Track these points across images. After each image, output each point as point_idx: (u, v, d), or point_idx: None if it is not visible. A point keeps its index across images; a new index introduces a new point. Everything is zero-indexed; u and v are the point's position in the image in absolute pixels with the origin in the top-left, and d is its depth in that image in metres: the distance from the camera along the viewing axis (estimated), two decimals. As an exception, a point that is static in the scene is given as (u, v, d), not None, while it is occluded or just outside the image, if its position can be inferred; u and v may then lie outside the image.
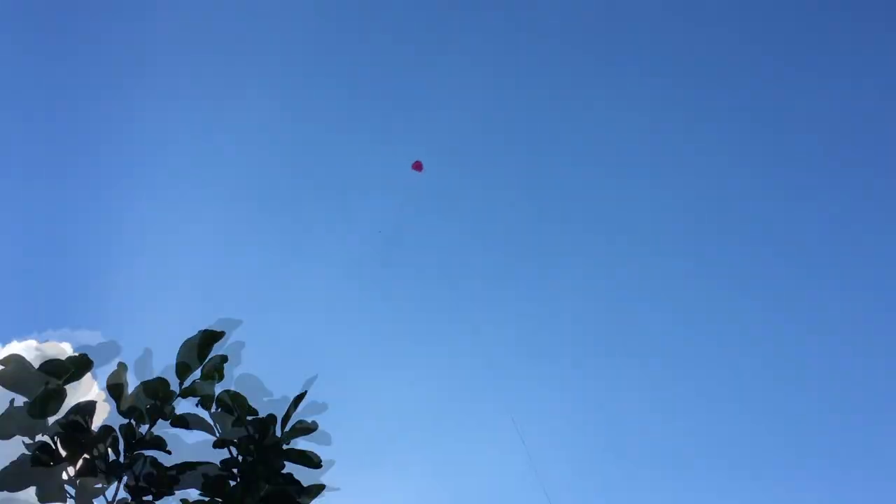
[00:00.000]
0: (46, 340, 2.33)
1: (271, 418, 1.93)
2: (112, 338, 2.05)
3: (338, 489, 1.93)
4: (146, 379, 2.04)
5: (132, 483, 1.95)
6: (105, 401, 2.02)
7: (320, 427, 1.96)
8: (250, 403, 1.94)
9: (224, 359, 1.98)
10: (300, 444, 2.00)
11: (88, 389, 2.17)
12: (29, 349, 2.21)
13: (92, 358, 2.03)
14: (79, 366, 2.01)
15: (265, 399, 1.97)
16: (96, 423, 2.00)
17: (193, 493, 1.96)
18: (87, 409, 1.95)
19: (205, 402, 2.00)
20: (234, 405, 1.93)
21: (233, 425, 1.95)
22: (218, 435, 1.97)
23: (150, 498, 1.97)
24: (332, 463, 1.97)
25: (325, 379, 2.03)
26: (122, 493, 1.96)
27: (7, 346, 2.89)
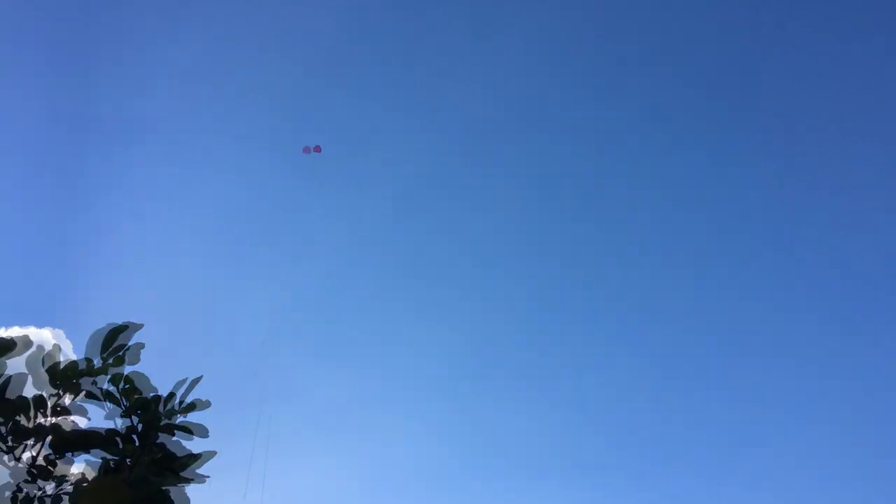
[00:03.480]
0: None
1: (156, 398, 2.36)
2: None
3: (208, 476, 2.33)
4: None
5: (55, 442, 2.41)
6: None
7: (202, 423, 2.37)
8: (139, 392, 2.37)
9: (124, 347, 2.41)
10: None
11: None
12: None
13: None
14: (5, 347, 2.44)
15: (150, 395, 2.38)
16: (27, 393, 2.45)
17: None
18: (18, 381, 2.41)
19: (114, 380, 2.43)
20: (131, 386, 2.37)
21: (131, 403, 2.38)
22: (123, 407, 2.41)
23: (70, 454, 2.44)
24: (212, 454, 2.38)
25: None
26: (47, 450, 2.42)
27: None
